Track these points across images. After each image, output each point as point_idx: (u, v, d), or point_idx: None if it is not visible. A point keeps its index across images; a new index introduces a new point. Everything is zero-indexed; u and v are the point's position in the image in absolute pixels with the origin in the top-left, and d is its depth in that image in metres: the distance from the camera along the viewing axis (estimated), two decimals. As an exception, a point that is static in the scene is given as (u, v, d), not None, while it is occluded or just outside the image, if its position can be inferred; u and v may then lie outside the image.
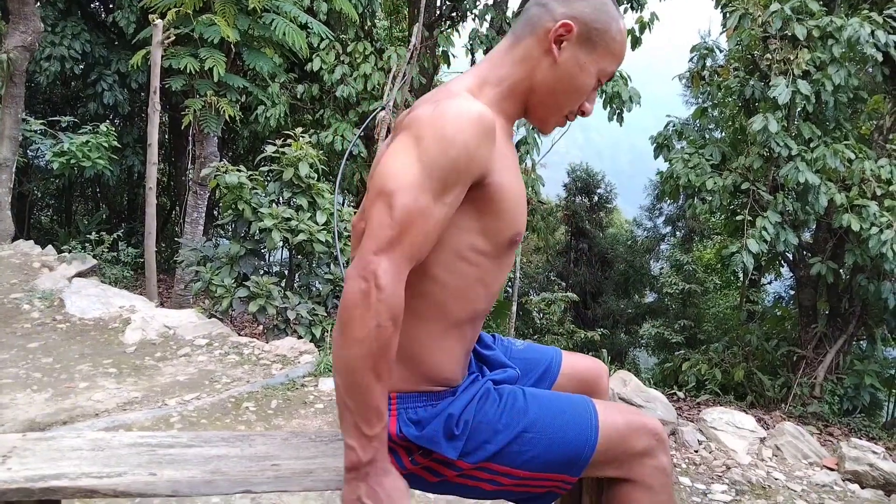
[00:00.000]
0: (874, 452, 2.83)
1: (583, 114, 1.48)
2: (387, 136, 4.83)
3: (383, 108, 4.60)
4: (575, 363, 1.83)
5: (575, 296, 12.48)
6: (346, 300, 1.19)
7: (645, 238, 15.82)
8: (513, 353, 1.80)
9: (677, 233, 15.24)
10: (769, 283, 12.84)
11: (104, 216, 12.03)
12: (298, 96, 8.64)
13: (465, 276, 1.35)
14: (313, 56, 7.88)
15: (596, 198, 15.33)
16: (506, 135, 1.41)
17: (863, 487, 2.79)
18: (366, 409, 1.21)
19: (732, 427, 3.06)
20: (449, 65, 9.47)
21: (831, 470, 2.90)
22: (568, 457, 1.40)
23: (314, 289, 5.40)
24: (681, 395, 7.98)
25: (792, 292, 11.83)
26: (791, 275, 10.01)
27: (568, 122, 1.51)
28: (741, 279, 11.15)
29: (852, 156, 6.66)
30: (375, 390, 1.20)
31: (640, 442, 1.44)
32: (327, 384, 3.65)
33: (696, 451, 2.97)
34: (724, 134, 9.96)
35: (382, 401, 1.22)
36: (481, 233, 1.34)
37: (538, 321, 13.07)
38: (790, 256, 8.60)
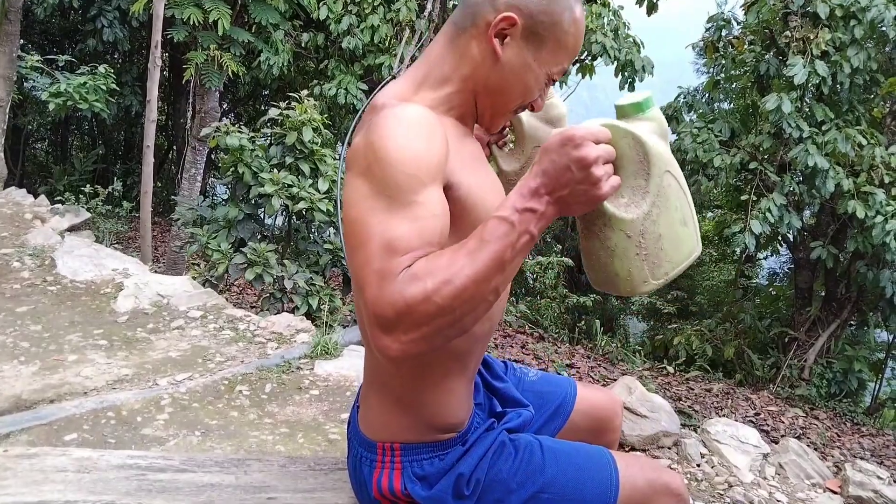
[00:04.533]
0: (879, 478, 2.79)
1: (532, 109, 1.31)
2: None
3: (393, 78, 4.41)
4: (590, 398, 1.74)
5: (570, 261, 12.42)
6: (416, 333, 0.99)
7: (645, 206, 15.66)
8: (525, 385, 1.71)
9: (677, 202, 15.08)
10: (765, 258, 12.79)
11: (100, 153, 11.82)
12: (303, 45, 8.37)
13: None
14: (320, 4, 7.60)
15: (598, 161, 15.03)
16: (460, 134, 1.25)
17: (865, 514, 2.76)
18: (511, 270, 1.04)
19: (736, 441, 3.01)
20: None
21: (834, 493, 2.86)
22: None
23: (312, 255, 5.28)
24: (670, 369, 8.01)
25: (787, 269, 11.81)
26: (788, 252, 9.97)
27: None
28: (738, 256, 11.12)
29: (864, 141, 6.54)
30: (503, 281, 1.02)
31: (661, 503, 1.36)
32: (323, 367, 3.57)
33: (699, 466, 2.93)
34: (732, 105, 9.80)
35: (518, 251, 1.02)
36: None
37: (531, 282, 13.05)
38: (791, 238, 8.54)
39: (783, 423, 6.66)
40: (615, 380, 7.03)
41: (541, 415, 1.64)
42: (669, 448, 3.00)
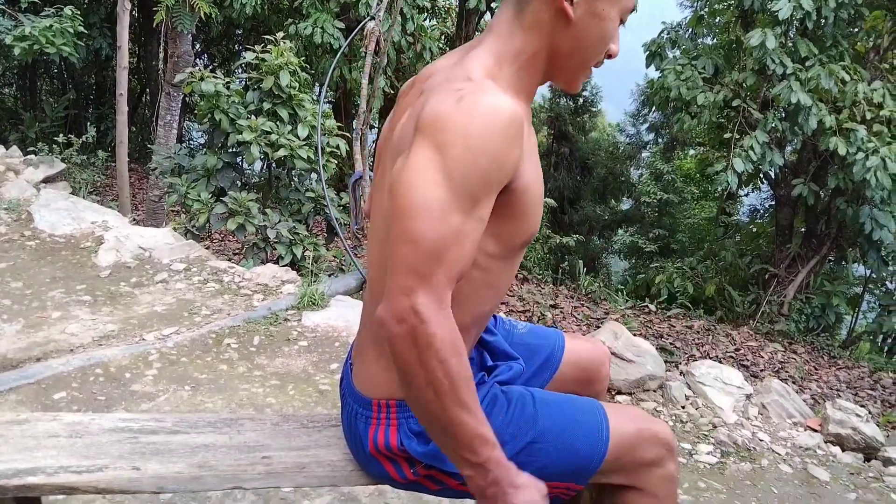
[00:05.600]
0: (857, 415, 2.86)
1: (609, 57, 1.30)
2: (376, 52, 4.52)
3: (372, 18, 4.27)
4: (578, 349, 1.77)
5: (553, 201, 12.43)
6: (393, 348, 1.07)
7: (627, 145, 15.64)
8: (514, 337, 1.72)
9: (660, 140, 15.08)
10: (745, 195, 12.88)
11: (71, 98, 11.51)
12: (276, -19, 8.11)
13: (471, 281, 1.22)
14: (292, -63, 7.34)
15: (581, 100, 14.97)
16: (528, 118, 1.25)
17: (843, 451, 2.83)
18: (466, 440, 1.11)
19: (720, 383, 3.06)
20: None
21: (815, 431, 2.94)
22: (576, 466, 1.35)
23: (294, 203, 5.22)
24: (652, 307, 8.13)
25: (768, 206, 11.91)
26: (769, 189, 10.03)
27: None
28: (720, 193, 11.18)
29: (847, 77, 6.51)
30: (468, 421, 1.09)
31: (649, 451, 1.40)
32: (310, 318, 3.57)
33: (683, 408, 2.99)
34: (716, 40, 9.69)
35: (480, 424, 1.11)
36: (495, 236, 1.21)
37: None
38: (772, 175, 8.58)
39: (762, 357, 6.80)
40: (599, 319, 7.16)
41: (530, 366, 1.67)
42: (655, 391, 3.06)
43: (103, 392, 2.77)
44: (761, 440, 2.82)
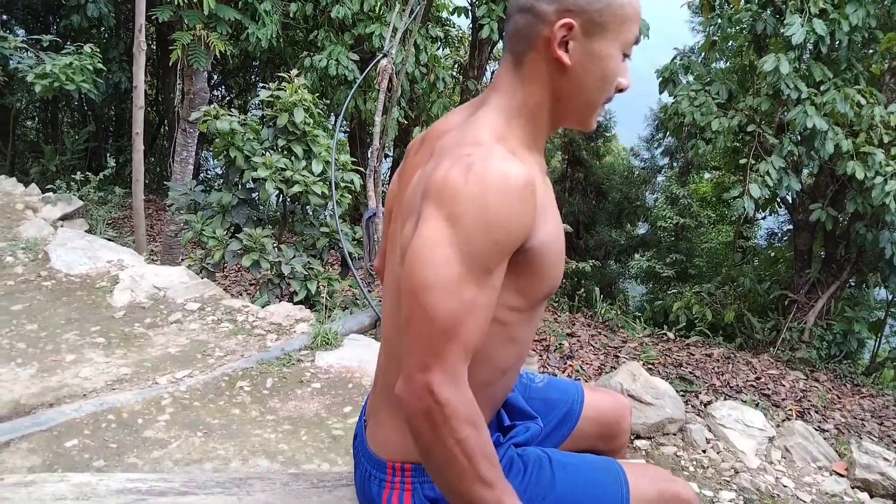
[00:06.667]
0: (885, 459, 2.78)
1: (620, 91, 1.26)
2: (389, 88, 4.53)
3: (385, 55, 4.28)
4: (598, 404, 1.72)
5: (568, 226, 12.38)
6: (411, 426, 1.08)
7: (641, 169, 15.56)
8: (532, 392, 1.68)
9: (675, 164, 15.00)
10: (763, 218, 12.77)
11: (91, 131, 11.70)
12: (291, 15, 8.20)
13: (493, 336, 1.19)
14: (307, -27, 7.42)
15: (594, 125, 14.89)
16: (542, 173, 1.23)
17: (872, 497, 2.75)
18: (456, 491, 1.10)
19: (741, 425, 2.99)
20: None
21: (840, 476, 2.86)
22: None
23: (309, 238, 5.22)
24: (670, 335, 8.03)
25: (786, 229, 11.78)
26: (786, 212, 9.94)
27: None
28: (736, 218, 11.07)
29: (863, 100, 6.45)
30: (488, 496, 1.09)
31: None
32: (324, 359, 3.54)
33: (704, 452, 2.91)
34: (729, 63, 9.66)
35: (503, 494, 1.11)
36: (516, 291, 1.18)
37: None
38: (790, 200, 8.49)
39: (784, 386, 6.69)
40: (616, 347, 7.08)
41: (548, 422, 1.63)
42: (675, 434, 2.99)
43: (115, 439, 2.75)
44: (785, 486, 2.74)
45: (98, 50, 7.55)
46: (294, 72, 5.19)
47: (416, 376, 1.05)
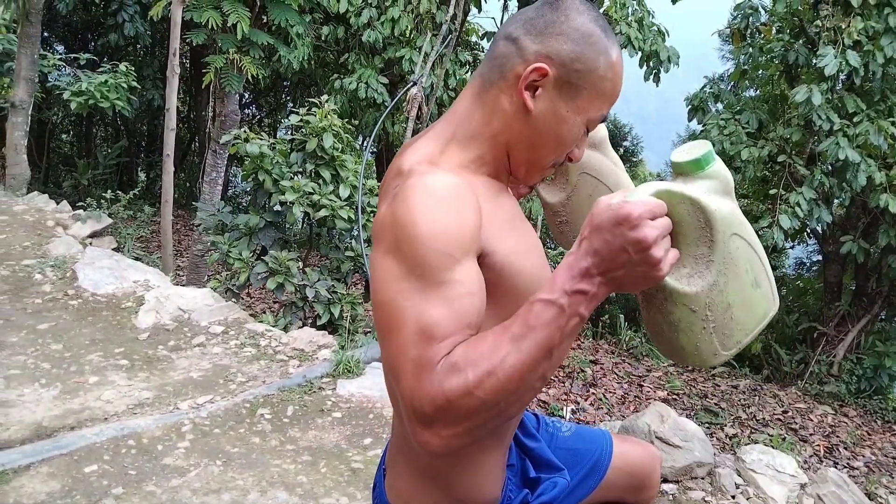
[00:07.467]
0: (923, 512, 2.68)
1: (570, 160, 1.20)
2: (418, 116, 4.54)
3: (414, 84, 4.29)
4: (627, 455, 1.66)
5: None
6: (466, 440, 0.95)
7: (670, 195, 15.47)
8: (558, 441, 1.62)
9: (703, 191, 14.87)
10: (791, 247, 12.57)
11: (123, 146, 11.92)
12: (322, 38, 8.28)
13: None
14: (339, -2, 7.48)
15: (622, 150, 14.90)
16: (494, 192, 1.15)
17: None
18: (559, 355, 0.96)
19: (772, 470, 2.90)
20: (480, 9, 9.02)
21: (875, 529, 2.76)
22: None
23: (334, 262, 5.23)
24: (696, 365, 7.90)
25: (815, 259, 11.59)
26: (815, 242, 9.78)
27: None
28: (765, 248, 10.91)
29: (896, 132, 6.34)
30: (551, 367, 0.95)
31: None
32: (345, 387, 3.51)
33: (734, 498, 2.83)
34: (759, 92, 9.57)
35: (567, 335, 0.95)
36: (499, 319, 1.05)
37: (552, 274, 12.88)
38: (820, 231, 8.36)
39: (812, 420, 6.55)
40: (640, 376, 6.97)
41: (575, 473, 1.57)
42: (703, 478, 2.91)
43: (134, 465, 2.74)
44: (817, 538, 2.65)
45: (133, 68, 7.71)
46: (324, 97, 5.22)
47: (409, 383, 0.94)
